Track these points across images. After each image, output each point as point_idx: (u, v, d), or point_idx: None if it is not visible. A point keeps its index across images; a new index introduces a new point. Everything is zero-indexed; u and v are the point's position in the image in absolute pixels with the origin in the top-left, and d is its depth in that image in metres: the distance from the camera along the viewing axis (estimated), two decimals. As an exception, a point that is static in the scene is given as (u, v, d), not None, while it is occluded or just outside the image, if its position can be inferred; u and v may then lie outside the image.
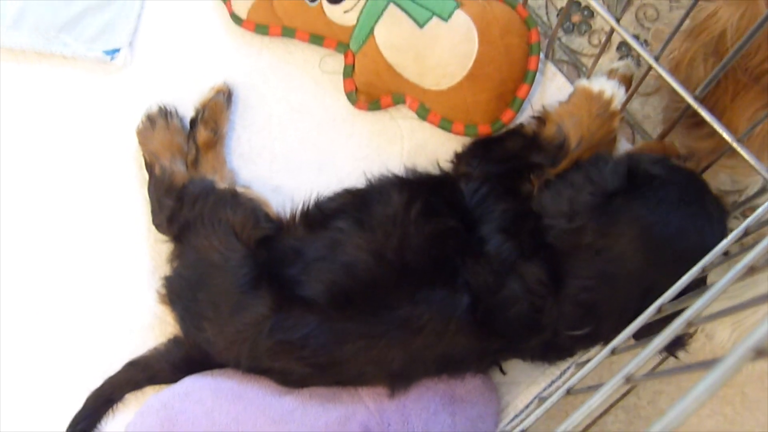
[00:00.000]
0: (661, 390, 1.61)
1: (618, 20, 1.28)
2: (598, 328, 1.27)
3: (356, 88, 1.53)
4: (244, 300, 1.30)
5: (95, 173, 1.55)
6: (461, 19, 1.42)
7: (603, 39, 1.66)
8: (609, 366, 1.26)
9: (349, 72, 1.53)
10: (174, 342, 1.43)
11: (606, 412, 1.59)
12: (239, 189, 1.45)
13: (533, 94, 1.52)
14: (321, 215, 1.38)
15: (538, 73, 1.47)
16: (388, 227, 1.30)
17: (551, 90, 1.54)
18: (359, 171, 1.49)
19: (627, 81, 1.46)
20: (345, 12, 1.49)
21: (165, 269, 1.44)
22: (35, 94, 1.59)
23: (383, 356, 1.28)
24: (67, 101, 1.59)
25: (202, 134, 1.50)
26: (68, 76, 1.60)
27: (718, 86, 1.21)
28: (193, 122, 1.52)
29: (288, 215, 1.42)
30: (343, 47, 1.54)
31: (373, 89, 1.51)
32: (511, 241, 1.25)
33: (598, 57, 1.42)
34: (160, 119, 1.51)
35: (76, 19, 1.60)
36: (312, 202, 1.41)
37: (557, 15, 1.70)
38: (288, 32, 1.56)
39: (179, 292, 1.39)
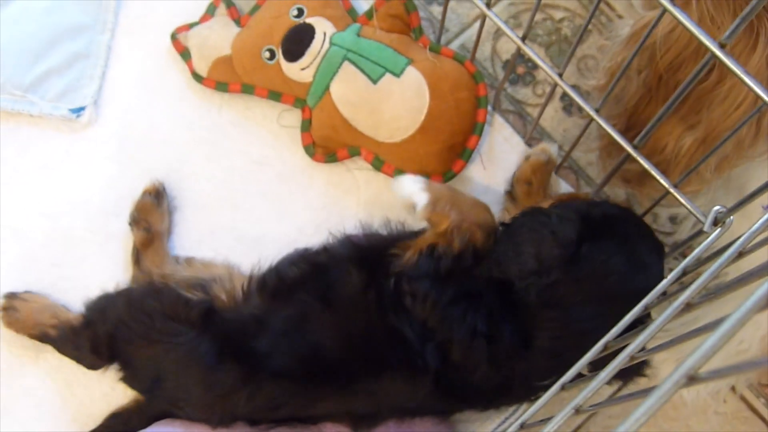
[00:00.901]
0: (610, 425, 1.64)
1: (561, 74, 1.34)
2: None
3: (313, 142, 1.58)
4: (212, 375, 1.31)
5: (64, 227, 1.58)
6: (413, 75, 1.48)
7: (547, 89, 1.73)
8: (560, 402, 1.32)
9: (306, 126, 1.58)
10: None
11: (558, 447, 1.62)
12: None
13: (482, 144, 1.58)
14: (281, 284, 1.38)
15: (486, 125, 1.53)
16: (350, 310, 1.31)
17: (499, 140, 1.60)
18: (318, 220, 1.54)
19: (546, 165, 1.52)
20: (302, 69, 1.54)
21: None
22: (4, 152, 1.62)
23: (350, 408, 1.33)
24: (33, 159, 1.62)
25: (137, 234, 1.52)
26: (35, 135, 1.64)
27: (649, 104, 1.24)
28: (131, 224, 1.54)
29: (234, 291, 1.41)
30: (300, 103, 1.58)
31: (329, 142, 1.56)
32: (479, 340, 1.25)
33: (542, 108, 1.48)
34: (16, 300, 1.52)
35: (42, 78, 1.63)
36: (266, 268, 1.43)
37: (502, 67, 1.76)
38: (247, 89, 1.61)
39: (143, 387, 1.41)
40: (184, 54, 1.66)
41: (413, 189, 1.34)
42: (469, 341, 1.25)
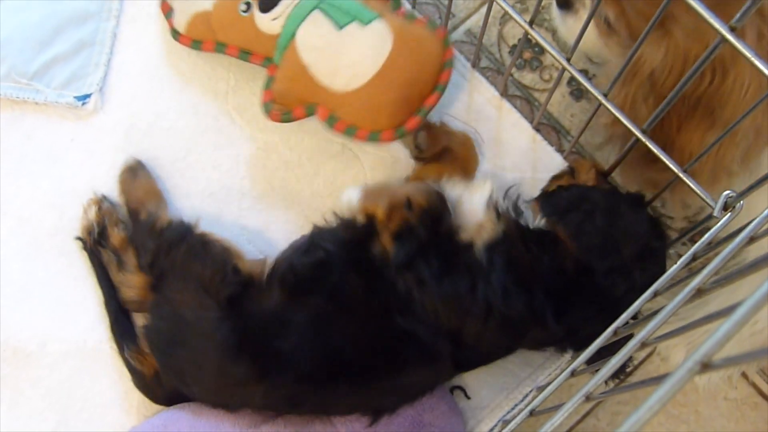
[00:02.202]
0: (619, 411, 1.65)
1: (569, 59, 1.34)
2: (565, 345, 1.35)
3: (273, 98, 1.55)
4: (227, 366, 1.30)
5: (70, 215, 1.57)
6: (380, 25, 1.47)
7: (554, 74, 1.73)
8: (568, 389, 1.32)
9: (269, 84, 1.56)
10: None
11: (567, 433, 1.63)
12: (213, 237, 1.45)
13: (489, 131, 1.58)
14: (296, 281, 1.36)
15: (493, 109, 1.53)
16: (361, 310, 1.32)
17: (507, 126, 1.59)
18: (325, 207, 1.51)
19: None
20: (273, 20, 1.53)
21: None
22: (9, 140, 1.62)
23: (368, 403, 1.35)
24: (38, 147, 1.62)
25: (115, 236, 1.50)
26: (40, 122, 1.63)
27: (663, 121, 1.25)
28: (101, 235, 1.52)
29: (260, 268, 1.41)
30: (268, 61, 1.57)
31: (287, 98, 1.53)
32: (492, 319, 1.27)
33: (551, 93, 1.47)
34: (140, 169, 1.55)
35: (47, 66, 1.63)
36: (286, 263, 1.40)
37: (509, 52, 1.75)
38: (220, 48, 1.59)
39: (158, 345, 1.40)
40: (169, 14, 1.65)
41: (350, 193, 1.40)
42: (484, 318, 1.27)
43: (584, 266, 1.28)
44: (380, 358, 1.31)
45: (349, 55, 1.47)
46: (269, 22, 1.54)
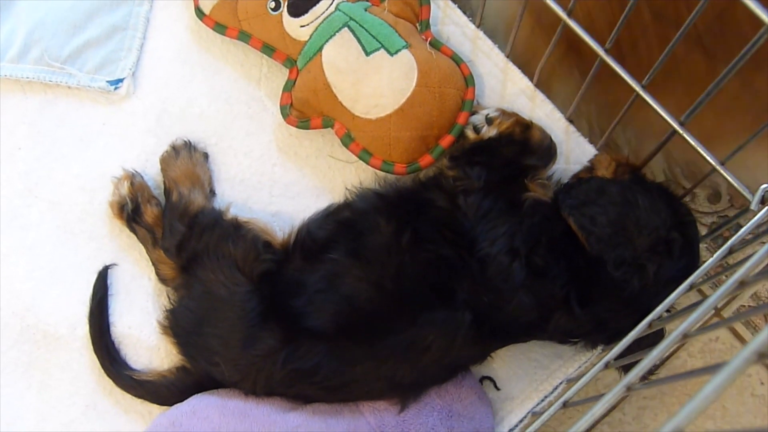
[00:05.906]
0: (645, 405, 1.64)
1: (607, 50, 1.33)
2: (596, 339, 1.34)
3: (291, 103, 1.56)
4: (254, 334, 1.33)
5: (100, 200, 1.58)
6: (406, 57, 1.48)
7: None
8: (594, 383, 1.31)
9: (289, 87, 1.56)
10: (183, 371, 1.46)
11: (592, 427, 1.62)
12: (242, 220, 1.47)
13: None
14: (314, 245, 1.40)
15: (526, 100, 1.52)
16: (383, 257, 1.34)
17: (541, 116, 1.59)
18: (357, 195, 1.53)
19: None
20: (301, 26, 1.54)
21: (166, 294, 1.49)
22: (42, 124, 1.62)
23: (392, 373, 1.33)
24: (71, 131, 1.62)
25: (149, 212, 1.52)
26: (73, 106, 1.63)
27: None
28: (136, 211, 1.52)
29: (288, 241, 1.45)
30: (290, 63, 1.57)
31: (307, 107, 1.54)
32: (518, 261, 1.28)
33: (586, 87, 1.46)
34: (184, 150, 1.55)
35: (80, 50, 1.63)
36: (304, 230, 1.44)
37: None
38: (244, 37, 1.59)
39: (185, 325, 1.42)
40: (195, -12, 1.64)
41: (488, 110, 1.47)
42: (509, 261, 1.29)
43: (597, 258, 1.28)
44: (395, 305, 1.33)
45: (372, 85, 1.47)
46: (297, 28, 1.54)
